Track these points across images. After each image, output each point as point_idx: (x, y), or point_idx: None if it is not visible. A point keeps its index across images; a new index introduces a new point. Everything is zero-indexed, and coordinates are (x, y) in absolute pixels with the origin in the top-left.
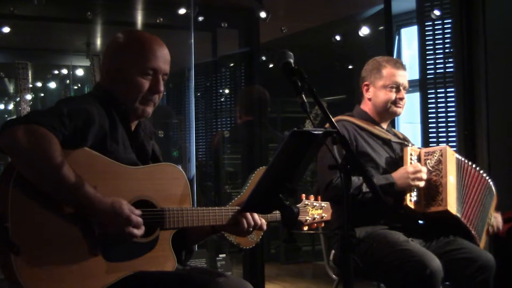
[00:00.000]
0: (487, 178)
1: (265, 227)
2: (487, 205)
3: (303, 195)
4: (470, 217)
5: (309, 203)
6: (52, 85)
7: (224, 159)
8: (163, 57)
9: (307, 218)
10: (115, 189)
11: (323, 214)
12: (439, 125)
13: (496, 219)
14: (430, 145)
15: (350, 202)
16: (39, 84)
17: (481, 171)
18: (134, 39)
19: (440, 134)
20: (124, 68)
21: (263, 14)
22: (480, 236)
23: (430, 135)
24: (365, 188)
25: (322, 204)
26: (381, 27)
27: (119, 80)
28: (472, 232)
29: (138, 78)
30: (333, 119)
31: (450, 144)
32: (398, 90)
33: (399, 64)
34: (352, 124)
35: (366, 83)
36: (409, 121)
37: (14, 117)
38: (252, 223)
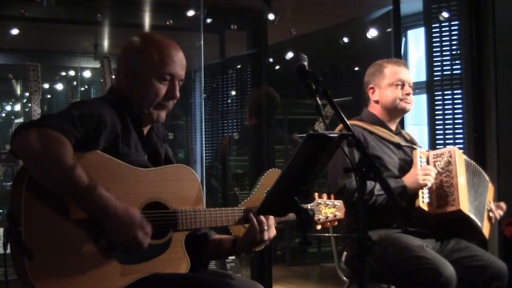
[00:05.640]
0: (478, 167)
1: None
2: (480, 191)
3: (316, 194)
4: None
5: (322, 202)
6: (60, 86)
7: (231, 161)
8: (180, 62)
9: (320, 217)
10: (127, 191)
11: (336, 213)
12: (446, 127)
13: (498, 207)
14: (437, 147)
15: (365, 205)
16: (46, 86)
17: (479, 167)
18: (152, 43)
19: (447, 136)
20: (141, 72)
21: (271, 16)
22: (481, 223)
23: (437, 137)
24: (377, 192)
25: (335, 203)
26: (389, 29)
27: (136, 84)
28: (476, 222)
29: (155, 82)
30: (347, 122)
31: (457, 146)
32: (403, 87)
33: (400, 62)
34: (361, 128)
35: (371, 86)
36: (416, 123)
37: (21, 120)
38: (265, 220)
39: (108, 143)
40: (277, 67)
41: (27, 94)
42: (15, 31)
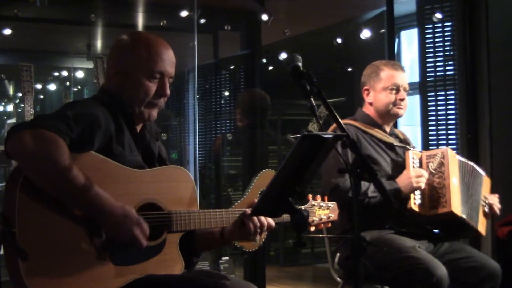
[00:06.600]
0: (473, 164)
1: (273, 223)
2: (475, 187)
3: (310, 196)
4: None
5: (315, 204)
6: (52, 87)
7: (224, 161)
8: (169, 60)
9: (314, 218)
10: (122, 193)
11: (330, 214)
12: (439, 127)
13: (492, 200)
14: (430, 148)
15: (359, 205)
16: (39, 86)
17: (473, 164)
18: (140, 41)
19: (440, 137)
20: (130, 71)
21: (265, 17)
22: (475, 221)
23: (430, 137)
24: (371, 193)
25: (329, 204)
26: (382, 30)
27: (126, 84)
28: (470, 222)
29: (145, 81)
30: (341, 122)
31: (450, 146)
32: (398, 92)
33: (397, 65)
34: (355, 127)
35: (366, 87)
36: (409, 123)
37: (14, 120)
38: (259, 224)
39: (102, 144)
40: (271, 68)
41: (20, 94)
42: (8, 31)
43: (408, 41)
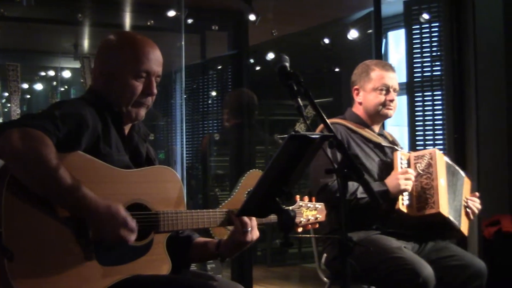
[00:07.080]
0: (455, 165)
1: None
2: (458, 189)
3: (297, 197)
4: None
5: (303, 205)
6: (39, 86)
7: (211, 161)
8: (155, 59)
9: (302, 219)
10: (109, 193)
11: (317, 215)
12: (426, 128)
13: (473, 202)
14: (417, 148)
15: (347, 205)
16: (25, 86)
17: (455, 165)
18: (126, 41)
19: (427, 137)
20: (117, 71)
21: (252, 17)
22: (459, 222)
23: (417, 138)
24: (360, 194)
25: (317, 205)
26: (370, 31)
27: (112, 83)
28: (454, 223)
29: (131, 80)
30: (329, 123)
31: (436, 147)
32: (387, 92)
33: (388, 66)
34: (344, 127)
35: (356, 87)
36: (396, 124)
37: (0, 120)
38: (248, 221)
39: (90, 144)
40: (258, 68)
41: (6, 94)
42: None
43: (396, 42)
